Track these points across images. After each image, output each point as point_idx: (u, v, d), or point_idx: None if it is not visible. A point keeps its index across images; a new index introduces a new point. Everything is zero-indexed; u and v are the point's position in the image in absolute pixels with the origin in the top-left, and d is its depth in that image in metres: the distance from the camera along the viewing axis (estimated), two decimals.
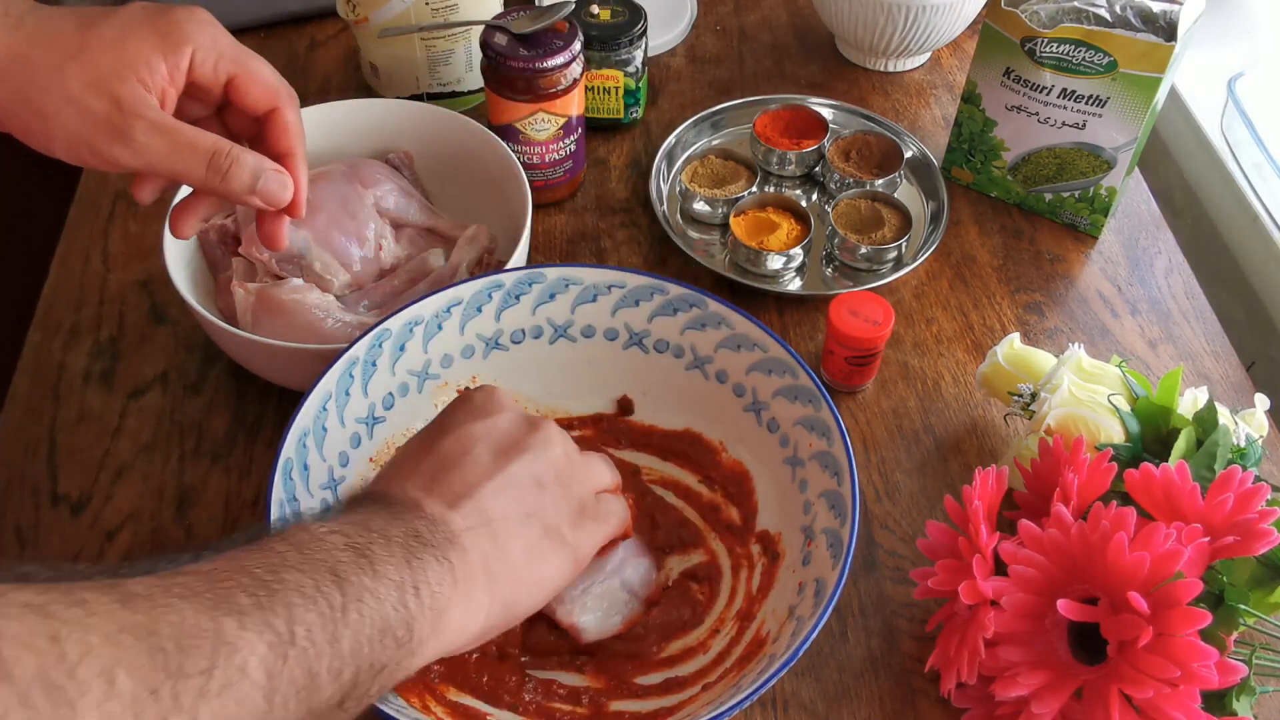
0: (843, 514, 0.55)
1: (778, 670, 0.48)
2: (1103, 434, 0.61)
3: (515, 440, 0.51)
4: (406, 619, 0.41)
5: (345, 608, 0.38)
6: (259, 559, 0.38)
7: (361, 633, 0.39)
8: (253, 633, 0.35)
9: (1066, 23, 0.75)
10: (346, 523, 0.43)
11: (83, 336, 0.74)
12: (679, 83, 0.97)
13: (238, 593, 0.36)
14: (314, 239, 0.71)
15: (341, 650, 0.38)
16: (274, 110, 0.57)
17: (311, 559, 0.39)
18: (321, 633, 0.37)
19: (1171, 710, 0.47)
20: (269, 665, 0.35)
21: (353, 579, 0.39)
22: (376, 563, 0.41)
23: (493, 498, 0.48)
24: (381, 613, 0.40)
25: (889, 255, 0.79)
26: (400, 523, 0.44)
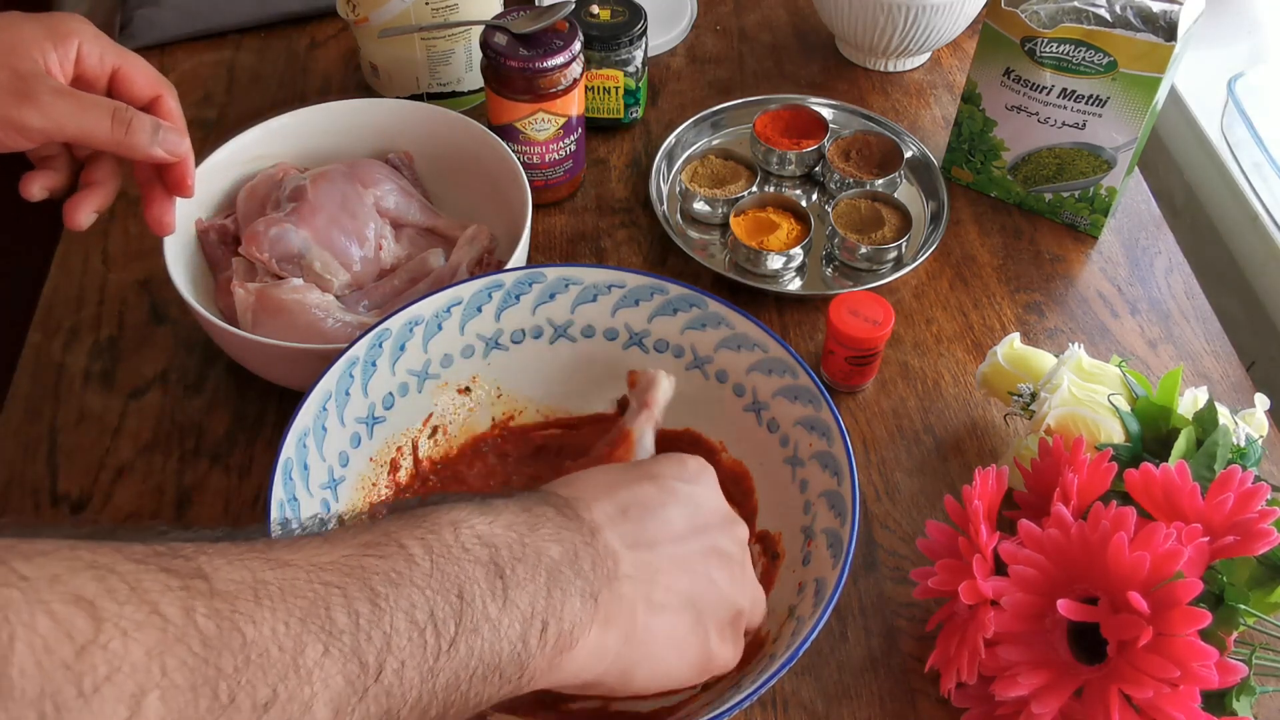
0: (843, 514, 0.55)
1: (778, 670, 0.48)
2: (1103, 434, 0.61)
3: (710, 521, 0.48)
4: (521, 658, 0.37)
5: (455, 640, 0.35)
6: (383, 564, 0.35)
7: (465, 668, 0.35)
8: (334, 664, 0.31)
9: (1066, 23, 0.75)
10: (505, 525, 0.39)
11: (83, 336, 0.74)
12: (679, 83, 0.97)
13: (338, 608, 0.32)
14: (314, 239, 0.71)
15: (435, 686, 0.34)
16: (158, 98, 0.61)
17: (441, 572, 0.36)
18: (416, 670, 0.34)
19: (1171, 710, 0.47)
20: (339, 703, 0.31)
21: (477, 603, 0.36)
22: (510, 588, 0.37)
23: (669, 561, 0.44)
24: (496, 649, 0.36)
25: (889, 255, 0.79)
26: (564, 544, 0.41)
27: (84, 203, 0.60)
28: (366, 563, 0.34)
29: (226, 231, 0.73)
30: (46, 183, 0.60)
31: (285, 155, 0.77)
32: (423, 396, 0.64)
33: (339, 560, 0.34)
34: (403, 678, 0.33)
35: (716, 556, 0.47)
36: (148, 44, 0.96)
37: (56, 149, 0.61)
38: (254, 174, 0.76)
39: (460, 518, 0.38)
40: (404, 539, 0.36)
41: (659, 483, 0.47)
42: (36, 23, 0.57)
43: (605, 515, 0.44)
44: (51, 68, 0.57)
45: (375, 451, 0.62)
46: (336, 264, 0.71)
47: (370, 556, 0.35)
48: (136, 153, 0.58)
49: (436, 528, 0.37)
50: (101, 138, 0.56)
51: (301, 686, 0.30)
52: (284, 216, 0.71)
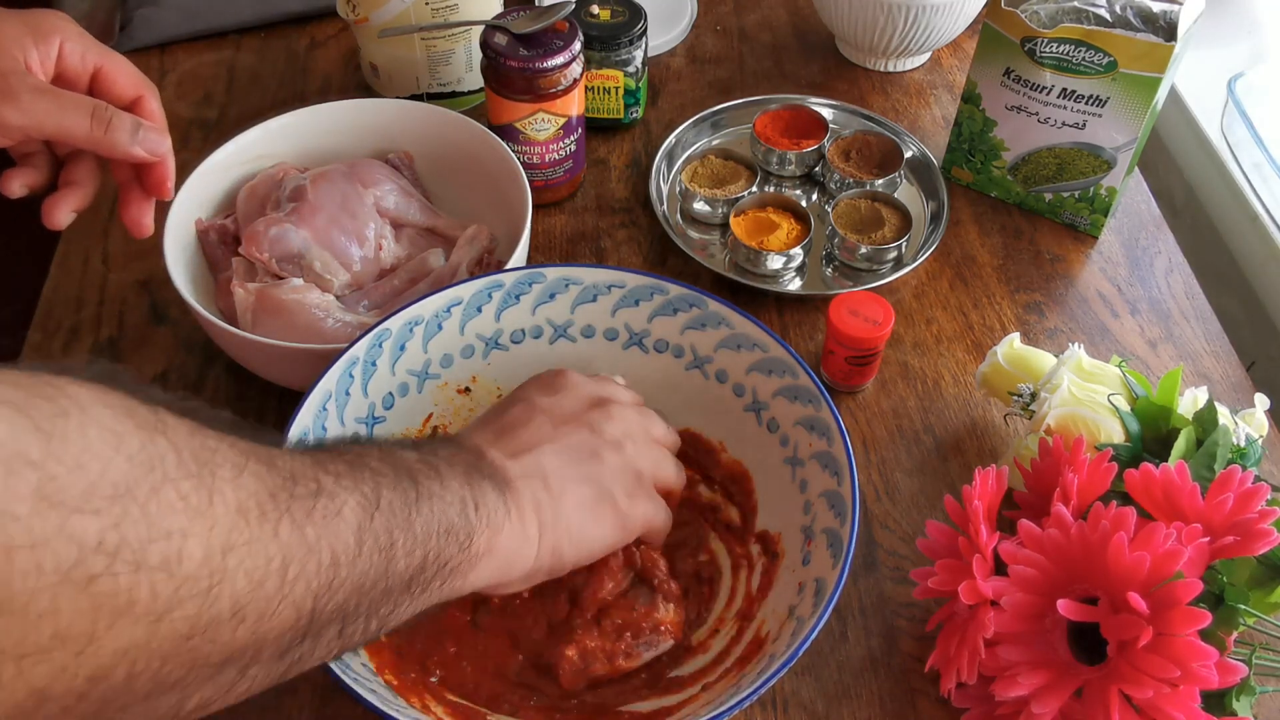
0: (843, 514, 0.55)
1: (778, 670, 0.48)
2: (1103, 434, 0.61)
3: (576, 414, 0.54)
4: (468, 526, 0.45)
5: (419, 500, 0.42)
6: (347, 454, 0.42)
7: (431, 524, 0.42)
8: (345, 489, 0.38)
9: (1066, 23, 0.75)
10: (415, 448, 0.46)
11: (83, 336, 0.74)
12: (679, 83, 0.97)
13: (337, 462, 0.40)
14: (314, 239, 0.71)
15: (414, 532, 0.41)
16: (140, 98, 0.61)
17: (390, 460, 0.43)
18: (400, 510, 0.41)
19: (1171, 710, 0.47)
20: (359, 518, 0.38)
21: (424, 482, 0.43)
22: (443, 475, 0.45)
23: (551, 456, 0.51)
24: (446, 514, 0.43)
25: (889, 255, 0.79)
26: (463, 456, 0.48)
27: (62, 202, 0.61)
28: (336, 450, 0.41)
29: (226, 231, 0.73)
30: (27, 180, 0.60)
31: (285, 155, 0.77)
32: (423, 396, 0.64)
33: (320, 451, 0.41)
34: (394, 512, 0.40)
35: (594, 438, 0.53)
36: (147, 44, 0.96)
37: (37, 147, 0.61)
38: (254, 174, 0.76)
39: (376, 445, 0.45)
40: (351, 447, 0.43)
41: (521, 404, 0.54)
42: (18, 19, 0.57)
43: (484, 439, 0.51)
44: (32, 65, 0.57)
45: None
46: (336, 264, 0.71)
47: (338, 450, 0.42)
48: (115, 151, 0.58)
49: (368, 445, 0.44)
50: (80, 136, 0.56)
51: (331, 497, 0.37)
52: (284, 216, 0.71)
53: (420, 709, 0.53)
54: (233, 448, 0.35)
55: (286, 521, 0.35)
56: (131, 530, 0.30)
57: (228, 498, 0.33)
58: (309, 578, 0.35)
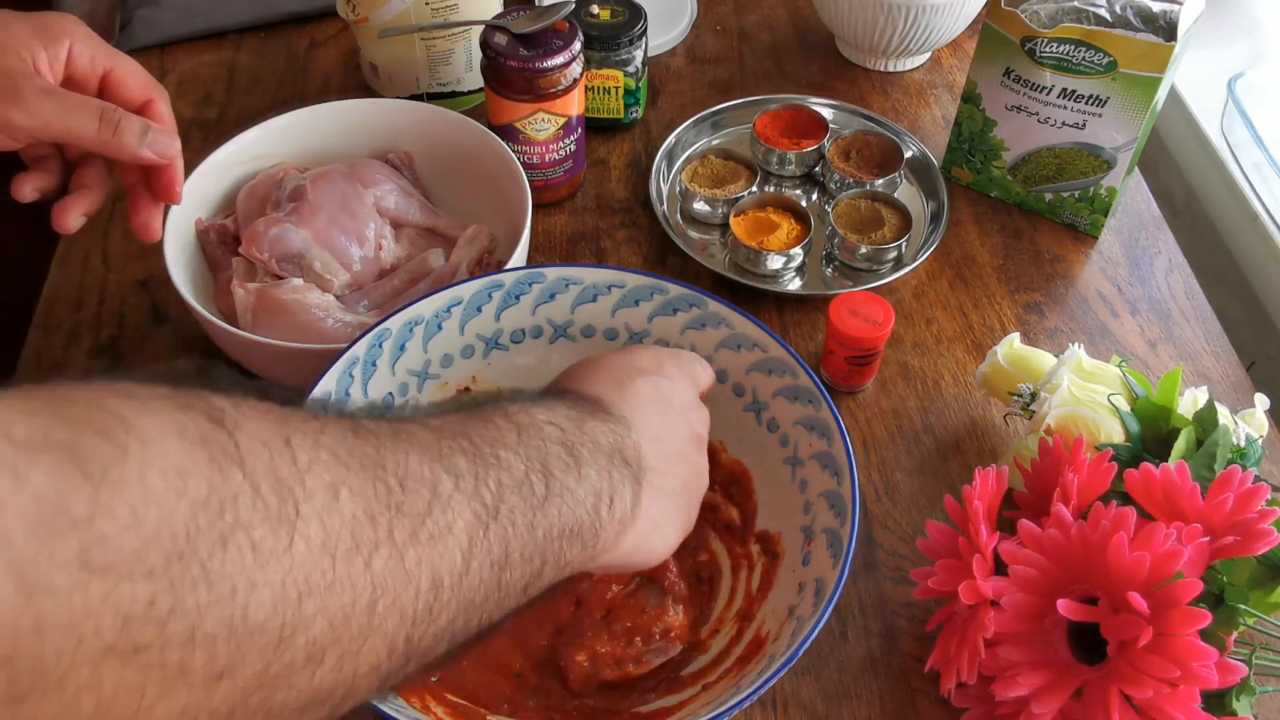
0: (843, 514, 0.55)
1: (778, 670, 0.48)
2: (1103, 434, 0.61)
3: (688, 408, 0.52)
4: (595, 526, 0.42)
5: (547, 499, 0.39)
6: (481, 429, 0.39)
7: (556, 526, 0.40)
8: (464, 496, 0.36)
9: (1066, 23, 0.75)
10: (564, 416, 0.44)
11: (83, 336, 0.74)
12: (679, 83, 0.97)
13: (459, 455, 0.37)
14: (314, 239, 0.71)
15: (536, 538, 0.39)
16: (150, 101, 0.60)
17: (527, 444, 0.40)
18: (522, 517, 0.38)
19: (1171, 710, 0.47)
20: (472, 531, 0.36)
21: (558, 474, 0.40)
22: (583, 465, 0.42)
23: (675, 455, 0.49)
24: (577, 515, 0.41)
25: (889, 255, 0.79)
26: (610, 432, 0.45)
27: (73, 206, 0.60)
28: (470, 426, 0.39)
29: (226, 231, 0.73)
30: (37, 184, 0.60)
31: (285, 155, 0.77)
32: (423, 397, 0.64)
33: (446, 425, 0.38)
34: (514, 522, 0.38)
35: (696, 442, 0.51)
36: (147, 44, 0.96)
37: (47, 150, 0.60)
38: (254, 174, 0.76)
39: (528, 408, 0.43)
40: (491, 415, 0.41)
41: (648, 380, 0.51)
42: (27, 22, 0.57)
43: (628, 411, 0.48)
44: (41, 67, 0.56)
45: None
46: (336, 264, 0.71)
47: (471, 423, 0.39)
48: (124, 153, 0.57)
49: (514, 413, 0.42)
50: (89, 138, 0.56)
51: (445, 509, 0.35)
52: (284, 216, 0.71)
53: (420, 709, 0.53)
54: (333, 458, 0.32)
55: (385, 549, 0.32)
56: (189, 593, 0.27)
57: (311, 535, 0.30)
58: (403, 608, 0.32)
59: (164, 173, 0.61)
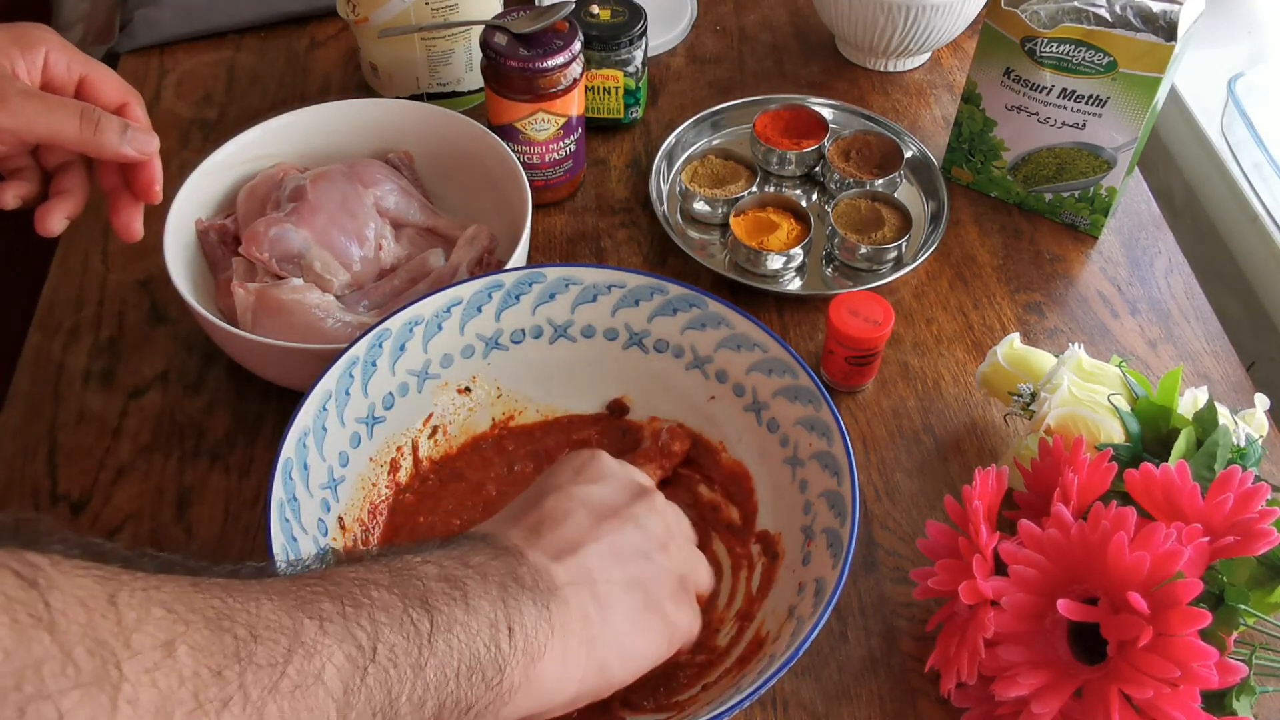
0: (843, 514, 0.55)
1: (778, 670, 0.48)
2: (1103, 434, 0.61)
3: (618, 507, 0.49)
4: (498, 660, 0.39)
5: (433, 635, 0.36)
6: (348, 573, 0.37)
7: (449, 665, 0.37)
8: (333, 640, 0.33)
9: (1066, 23, 0.75)
10: (443, 555, 0.41)
11: (83, 336, 0.74)
12: (679, 83, 0.97)
13: (323, 598, 0.34)
14: (314, 239, 0.71)
15: (426, 679, 0.36)
16: (125, 105, 0.61)
17: (402, 581, 0.37)
18: (405, 656, 0.35)
19: (1171, 710, 0.47)
20: (346, 678, 0.33)
21: (443, 608, 0.37)
22: (470, 596, 0.39)
23: (597, 559, 0.46)
24: (472, 648, 0.38)
25: (889, 255, 0.79)
26: (500, 563, 0.42)
27: (54, 210, 0.61)
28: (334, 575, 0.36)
29: (226, 231, 0.73)
30: (19, 191, 0.61)
31: (285, 155, 0.77)
32: (423, 396, 0.64)
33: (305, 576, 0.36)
34: (396, 663, 0.34)
35: (640, 535, 0.49)
36: (147, 44, 0.96)
37: (25, 160, 0.61)
38: (254, 174, 0.76)
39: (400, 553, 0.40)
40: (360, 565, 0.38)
41: (559, 492, 0.49)
42: (3, 31, 0.58)
43: (522, 538, 0.46)
44: (19, 73, 0.57)
45: (375, 451, 0.62)
46: (336, 264, 0.71)
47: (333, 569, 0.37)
48: (105, 151, 0.58)
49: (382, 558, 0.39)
50: (70, 136, 0.57)
51: (309, 657, 0.32)
52: (284, 216, 0.71)
53: None
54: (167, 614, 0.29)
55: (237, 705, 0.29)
56: None
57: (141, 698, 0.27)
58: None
59: (143, 172, 0.61)
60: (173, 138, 0.89)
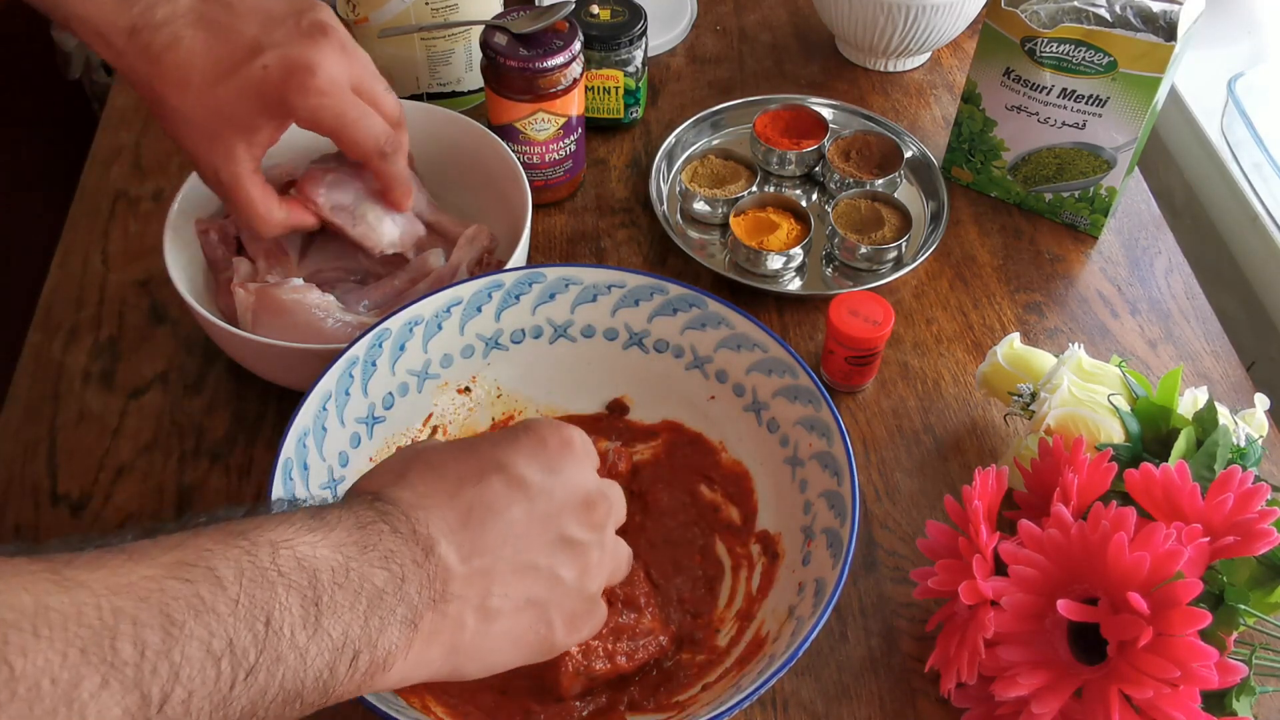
0: (843, 514, 0.55)
1: (778, 670, 0.48)
2: (1103, 434, 0.61)
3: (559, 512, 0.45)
4: (327, 685, 0.36)
5: (255, 669, 0.34)
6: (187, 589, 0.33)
7: (264, 696, 0.34)
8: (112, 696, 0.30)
9: (1066, 23, 0.75)
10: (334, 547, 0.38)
11: (83, 336, 0.74)
12: (679, 83, 0.97)
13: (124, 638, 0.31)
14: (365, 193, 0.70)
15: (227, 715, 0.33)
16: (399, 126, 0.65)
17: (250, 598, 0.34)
18: (206, 700, 0.32)
19: (1171, 710, 0.47)
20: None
21: (285, 632, 0.35)
22: (324, 616, 0.36)
23: (508, 568, 0.43)
24: (300, 677, 0.35)
25: (889, 255, 0.79)
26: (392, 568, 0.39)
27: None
28: (168, 586, 0.33)
29: (226, 231, 0.73)
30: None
31: (285, 155, 0.77)
32: (423, 396, 0.64)
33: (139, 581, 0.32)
34: (190, 708, 0.32)
35: (564, 548, 0.45)
36: None
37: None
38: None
39: (283, 537, 0.37)
40: (215, 560, 0.34)
41: (507, 475, 0.44)
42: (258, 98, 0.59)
43: (444, 526, 0.42)
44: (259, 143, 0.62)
45: (375, 451, 0.62)
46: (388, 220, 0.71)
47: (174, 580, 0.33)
48: (382, 174, 0.66)
49: (255, 548, 0.36)
50: (369, 149, 0.62)
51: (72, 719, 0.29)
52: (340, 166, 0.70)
53: (420, 709, 0.53)
54: None
55: None
56: None
57: None
58: None
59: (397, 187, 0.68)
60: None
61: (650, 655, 0.56)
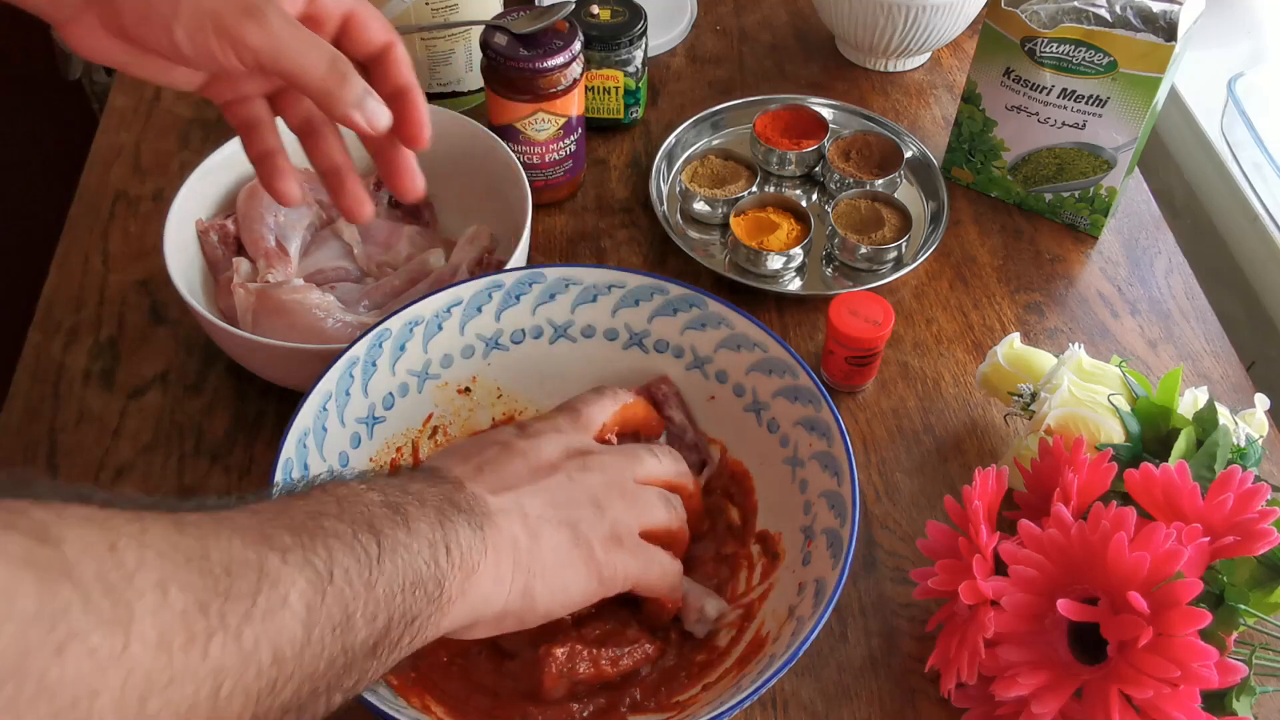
0: (843, 514, 0.55)
1: (778, 670, 0.48)
2: (1103, 434, 0.61)
3: (554, 462, 0.53)
4: (438, 575, 0.43)
5: (380, 557, 0.40)
6: (301, 504, 0.40)
7: (395, 581, 0.40)
8: (294, 568, 0.36)
9: (1066, 23, 0.75)
10: (385, 483, 0.45)
11: (83, 336, 0.74)
12: (679, 83, 0.97)
13: (282, 532, 0.37)
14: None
15: (376, 595, 0.39)
16: (389, 46, 0.56)
17: (349, 510, 0.41)
18: (358, 577, 0.38)
19: (1171, 710, 0.47)
20: (308, 599, 0.36)
21: (388, 531, 0.41)
22: (411, 520, 0.43)
23: (530, 497, 0.51)
24: (414, 565, 0.41)
25: (889, 255, 0.79)
26: (438, 489, 0.46)
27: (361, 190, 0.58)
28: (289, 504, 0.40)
29: (226, 231, 0.73)
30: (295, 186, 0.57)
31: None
32: (423, 397, 0.64)
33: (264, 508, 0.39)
34: (350, 582, 0.38)
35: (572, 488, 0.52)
36: None
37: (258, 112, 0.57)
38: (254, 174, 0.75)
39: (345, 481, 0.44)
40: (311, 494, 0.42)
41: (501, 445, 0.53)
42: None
43: (463, 472, 0.50)
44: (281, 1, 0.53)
45: (375, 452, 0.62)
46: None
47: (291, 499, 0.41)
48: (335, 109, 0.52)
49: (331, 488, 0.42)
50: (314, 79, 0.51)
51: (275, 584, 0.35)
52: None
53: (420, 709, 0.53)
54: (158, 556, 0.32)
55: (220, 635, 0.32)
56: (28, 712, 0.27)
57: (147, 633, 0.30)
58: (246, 687, 0.33)
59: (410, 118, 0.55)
60: (173, 138, 0.89)
61: (636, 663, 0.56)
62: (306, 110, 0.58)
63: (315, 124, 0.58)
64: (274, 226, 0.74)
